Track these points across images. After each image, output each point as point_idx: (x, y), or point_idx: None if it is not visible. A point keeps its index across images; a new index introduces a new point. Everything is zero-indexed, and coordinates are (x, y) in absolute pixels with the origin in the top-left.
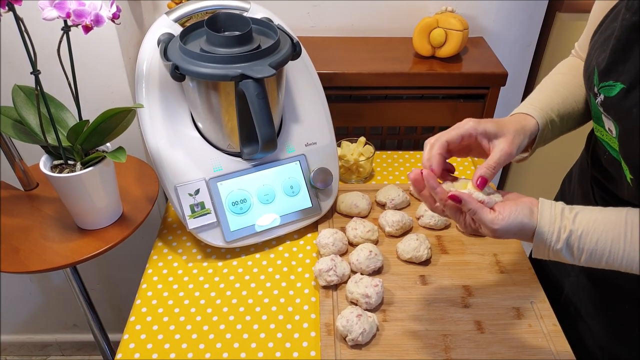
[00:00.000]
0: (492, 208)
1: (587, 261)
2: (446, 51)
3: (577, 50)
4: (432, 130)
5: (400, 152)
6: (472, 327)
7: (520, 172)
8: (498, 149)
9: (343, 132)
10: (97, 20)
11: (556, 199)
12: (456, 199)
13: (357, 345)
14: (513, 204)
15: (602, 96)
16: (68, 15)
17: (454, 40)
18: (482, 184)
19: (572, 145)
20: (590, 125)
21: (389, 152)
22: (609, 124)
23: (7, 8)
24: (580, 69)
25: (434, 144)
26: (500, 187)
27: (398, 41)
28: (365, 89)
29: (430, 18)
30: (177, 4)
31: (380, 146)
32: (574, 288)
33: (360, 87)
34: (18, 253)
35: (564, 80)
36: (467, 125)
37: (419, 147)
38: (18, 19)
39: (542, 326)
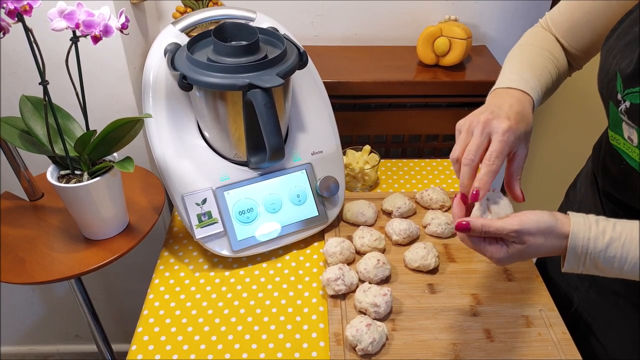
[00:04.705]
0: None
1: (630, 272)
2: (450, 59)
3: (549, 24)
4: (436, 139)
5: (404, 160)
6: (481, 335)
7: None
8: (521, 157)
9: (347, 141)
10: (106, 31)
11: (560, 210)
12: (464, 226)
13: (366, 355)
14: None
15: (627, 103)
16: (77, 25)
17: (457, 48)
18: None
19: (576, 154)
20: (596, 134)
21: (393, 160)
22: (629, 132)
23: (16, 19)
24: (551, 42)
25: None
26: None
27: (402, 50)
28: (369, 97)
29: (434, 27)
30: (182, 14)
31: (385, 154)
32: (583, 303)
33: (364, 95)
34: (24, 264)
35: (543, 54)
36: (510, 142)
37: (423, 155)
38: (27, 30)
39: (552, 334)
